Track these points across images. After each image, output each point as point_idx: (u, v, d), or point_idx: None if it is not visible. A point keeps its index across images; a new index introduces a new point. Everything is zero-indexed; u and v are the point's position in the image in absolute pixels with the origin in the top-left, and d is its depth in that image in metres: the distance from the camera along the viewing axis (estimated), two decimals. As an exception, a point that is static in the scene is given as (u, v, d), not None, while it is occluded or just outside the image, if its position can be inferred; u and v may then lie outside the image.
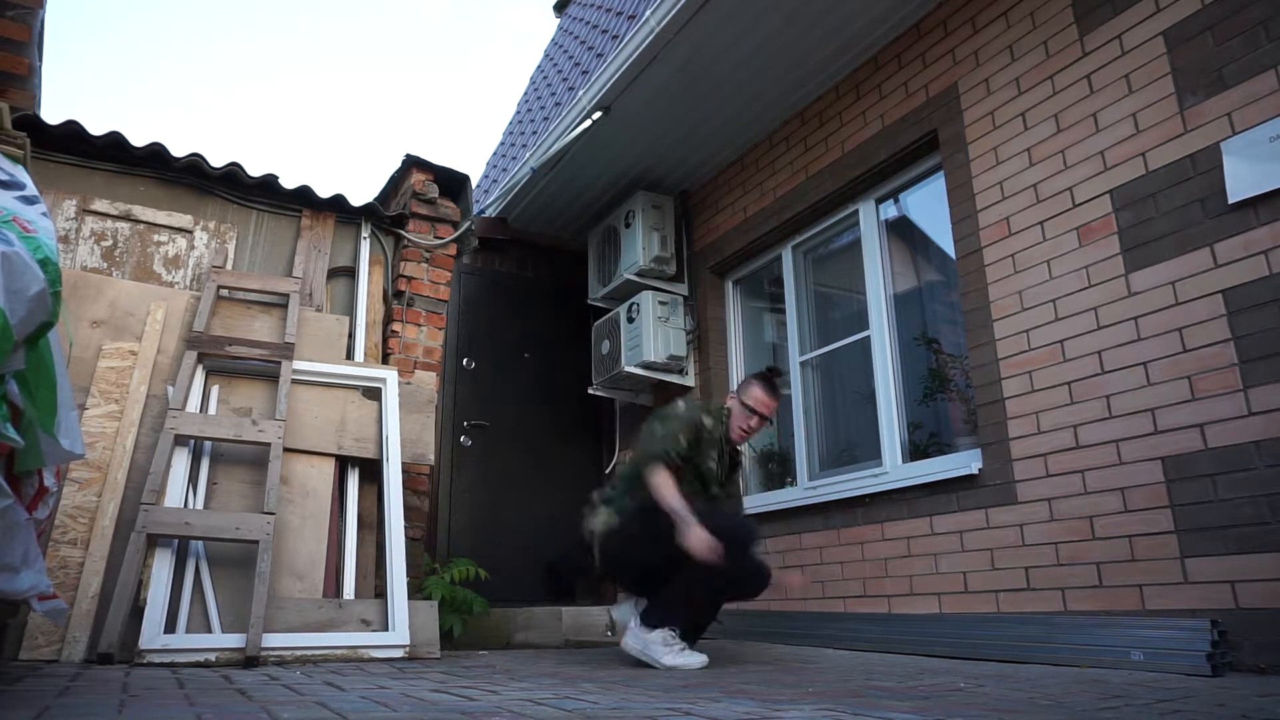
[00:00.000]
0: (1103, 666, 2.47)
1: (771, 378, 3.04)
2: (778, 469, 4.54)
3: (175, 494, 2.88)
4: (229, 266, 3.59)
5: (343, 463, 3.30)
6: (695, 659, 2.63)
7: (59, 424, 1.66)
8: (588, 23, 5.87)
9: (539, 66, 7.31)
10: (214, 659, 2.58)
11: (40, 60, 3.31)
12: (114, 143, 3.46)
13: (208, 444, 3.07)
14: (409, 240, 4.01)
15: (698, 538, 2.51)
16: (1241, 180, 2.46)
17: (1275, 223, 2.38)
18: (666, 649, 2.62)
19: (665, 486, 2.65)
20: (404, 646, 2.87)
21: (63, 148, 3.41)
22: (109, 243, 3.42)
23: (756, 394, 2.96)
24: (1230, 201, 2.48)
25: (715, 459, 2.94)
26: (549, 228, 5.61)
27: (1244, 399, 2.39)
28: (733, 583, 2.72)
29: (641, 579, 2.86)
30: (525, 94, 7.36)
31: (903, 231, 3.98)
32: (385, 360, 3.81)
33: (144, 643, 2.52)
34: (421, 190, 4.04)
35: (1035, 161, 3.10)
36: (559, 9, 7.88)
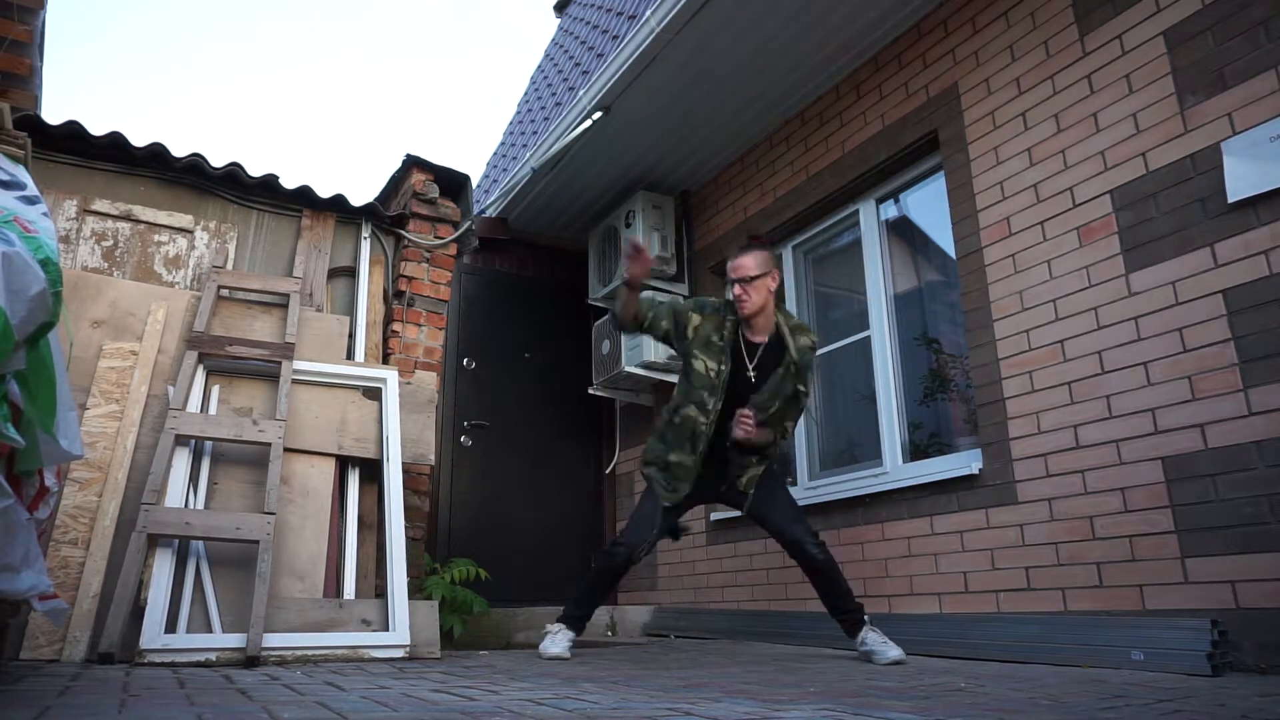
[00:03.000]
0: (1103, 666, 2.47)
1: (748, 242, 3.08)
2: (779, 469, 4.53)
3: (176, 494, 2.88)
4: (229, 266, 3.59)
5: (343, 463, 3.30)
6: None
7: (58, 424, 1.66)
8: (588, 23, 5.87)
9: (539, 66, 7.31)
10: (214, 659, 2.58)
11: (41, 61, 3.31)
12: (114, 143, 3.46)
13: (208, 444, 3.07)
14: (409, 240, 4.01)
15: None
16: (1241, 180, 2.46)
17: (1275, 223, 2.38)
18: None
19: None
20: (404, 646, 2.87)
21: (63, 148, 3.41)
22: (109, 243, 3.42)
23: (728, 268, 2.99)
24: (1230, 201, 2.48)
25: (717, 355, 2.92)
26: (549, 228, 5.61)
27: (1244, 399, 2.39)
28: None
29: None
30: (525, 94, 7.36)
31: (903, 231, 3.98)
32: (385, 360, 3.82)
33: (144, 642, 2.52)
34: (422, 190, 4.04)
35: (1035, 161, 3.10)
36: (559, 9, 7.88)
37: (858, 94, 4.01)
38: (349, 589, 3.05)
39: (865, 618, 2.87)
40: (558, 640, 2.99)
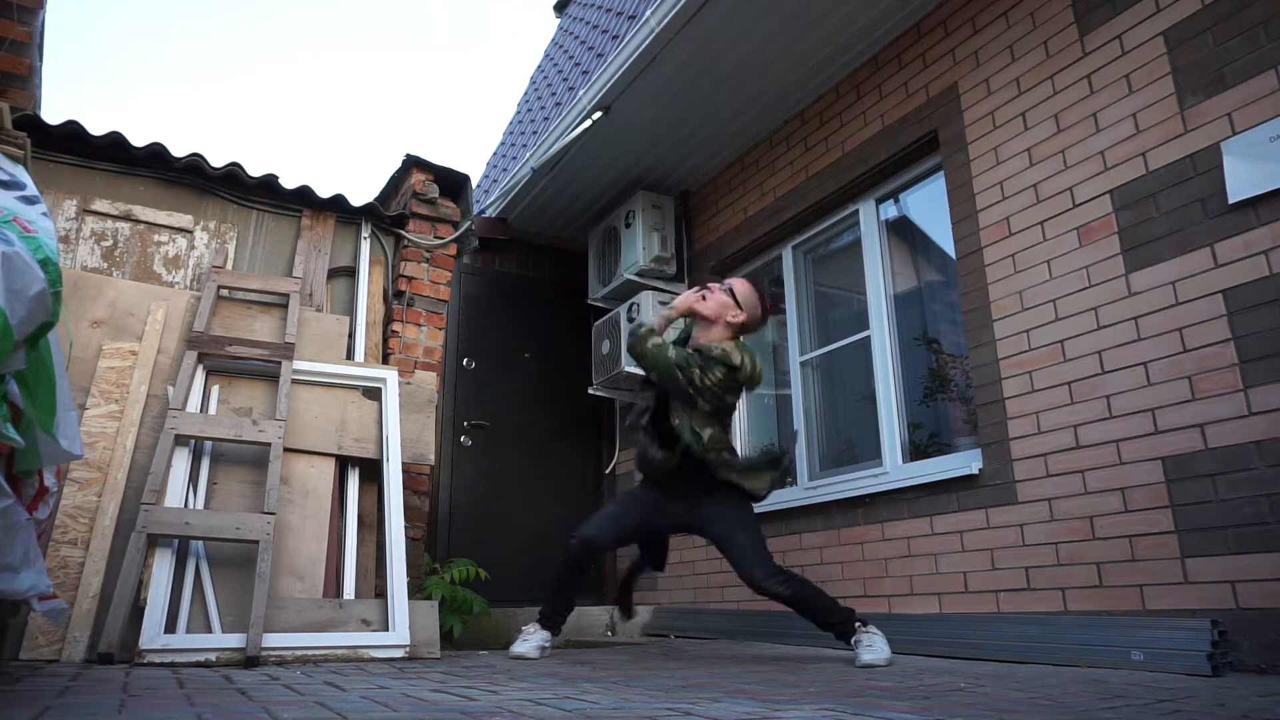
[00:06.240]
0: (1103, 666, 2.47)
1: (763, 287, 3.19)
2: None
3: (175, 494, 2.88)
4: (229, 266, 3.59)
5: (343, 463, 3.30)
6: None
7: (58, 424, 1.66)
8: (588, 23, 5.87)
9: (539, 66, 7.31)
10: (214, 659, 2.58)
11: (41, 61, 3.31)
12: (114, 143, 3.46)
13: (208, 444, 3.07)
14: (409, 240, 4.01)
15: None
16: (1241, 180, 2.46)
17: (1275, 223, 2.38)
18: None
19: None
20: (404, 646, 2.87)
21: (63, 148, 3.41)
22: (109, 243, 3.42)
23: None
24: (1230, 201, 2.48)
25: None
26: (549, 228, 5.61)
27: (1244, 399, 2.39)
28: None
29: None
30: (525, 94, 7.36)
31: (903, 231, 3.98)
32: (385, 360, 3.81)
33: (144, 643, 2.52)
34: (422, 190, 4.04)
35: (1035, 161, 3.10)
36: (559, 9, 7.88)
37: (858, 94, 4.01)
38: (349, 589, 3.05)
39: (857, 623, 2.77)
40: (529, 640, 3.00)
